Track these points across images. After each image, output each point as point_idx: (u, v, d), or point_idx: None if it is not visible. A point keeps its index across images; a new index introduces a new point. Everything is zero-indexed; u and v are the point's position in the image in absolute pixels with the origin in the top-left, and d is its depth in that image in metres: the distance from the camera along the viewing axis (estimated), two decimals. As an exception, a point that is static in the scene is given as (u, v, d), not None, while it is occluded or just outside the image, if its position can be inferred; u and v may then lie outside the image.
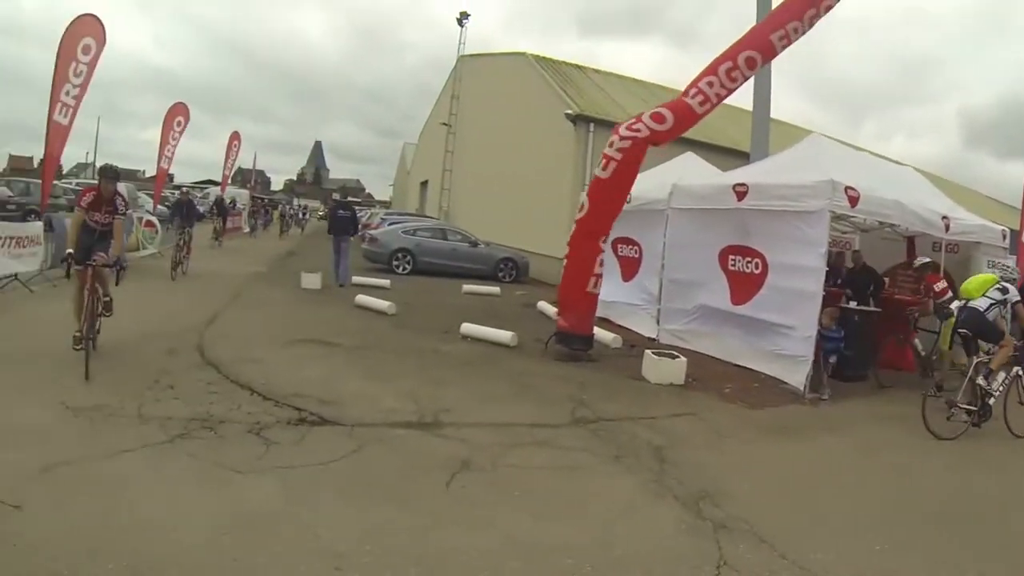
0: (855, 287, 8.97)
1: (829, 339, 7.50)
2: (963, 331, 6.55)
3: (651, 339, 9.59)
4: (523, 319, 11.24)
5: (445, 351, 8.33)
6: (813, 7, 8.03)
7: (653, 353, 7.60)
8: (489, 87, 26.00)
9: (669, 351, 7.91)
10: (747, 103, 12.01)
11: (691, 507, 4.11)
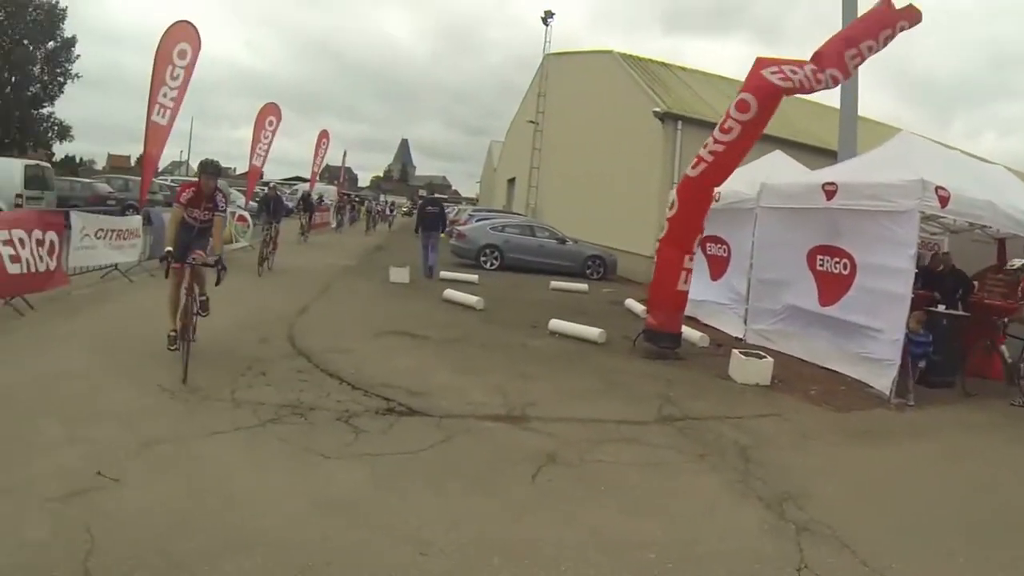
0: (943, 290, 8.52)
1: (917, 344, 7.19)
2: None
3: (738, 339, 9.46)
4: (611, 316, 11.20)
5: (533, 346, 8.39)
6: (888, 28, 7.72)
7: (740, 353, 7.52)
8: (576, 85, 25.91)
9: (756, 351, 7.79)
10: (834, 101, 11.62)
11: (774, 508, 4.05)
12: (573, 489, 4.17)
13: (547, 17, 31.43)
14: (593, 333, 8.84)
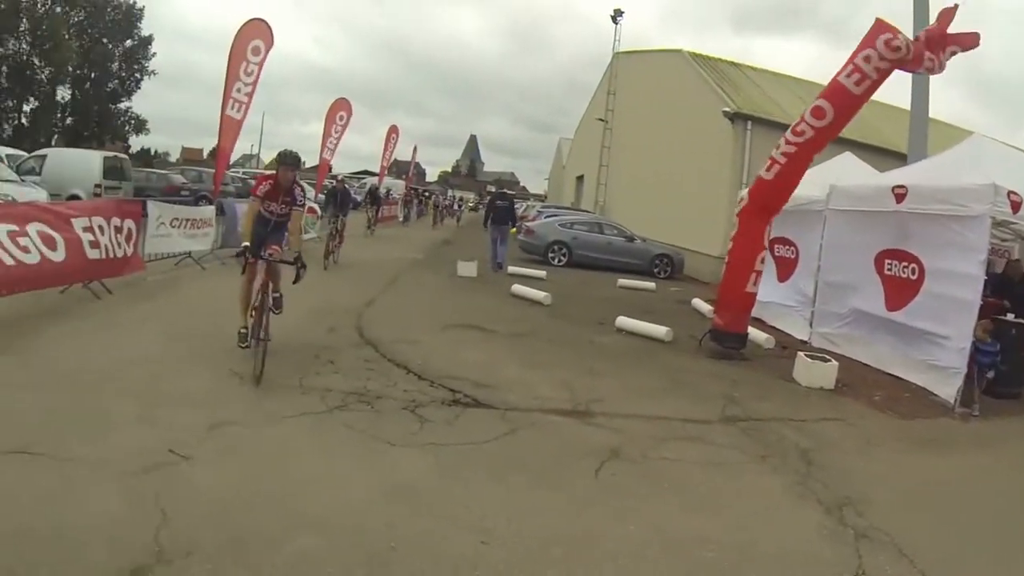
0: (1013, 298, 8.08)
1: (985, 353, 6.85)
2: None
3: (803, 341, 9.26)
4: (677, 315, 11.09)
5: (600, 343, 8.39)
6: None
7: (805, 355, 7.39)
8: (645, 83, 25.51)
9: (821, 354, 7.64)
10: (904, 102, 11.12)
11: (834, 512, 3.99)
12: (635, 485, 4.16)
13: (616, 15, 31.08)
14: (660, 331, 8.82)
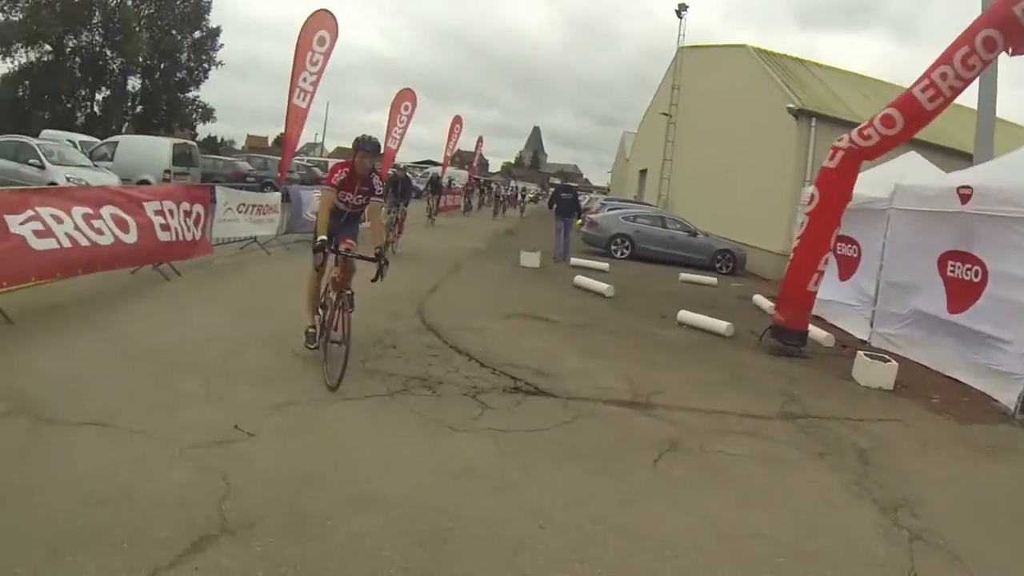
0: None
1: None
2: None
3: (863, 341, 9.00)
4: (738, 311, 10.91)
5: (661, 335, 8.35)
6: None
7: (865, 355, 7.21)
8: (709, 78, 24.95)
9: (880, 354, 7.42)
10: (970, 101, 10.58)
11: (889, 513, 3.88)
12: (692, 477, 4.12)
13: (681, 10, 30.28)
14: (721, 326, 8.73)
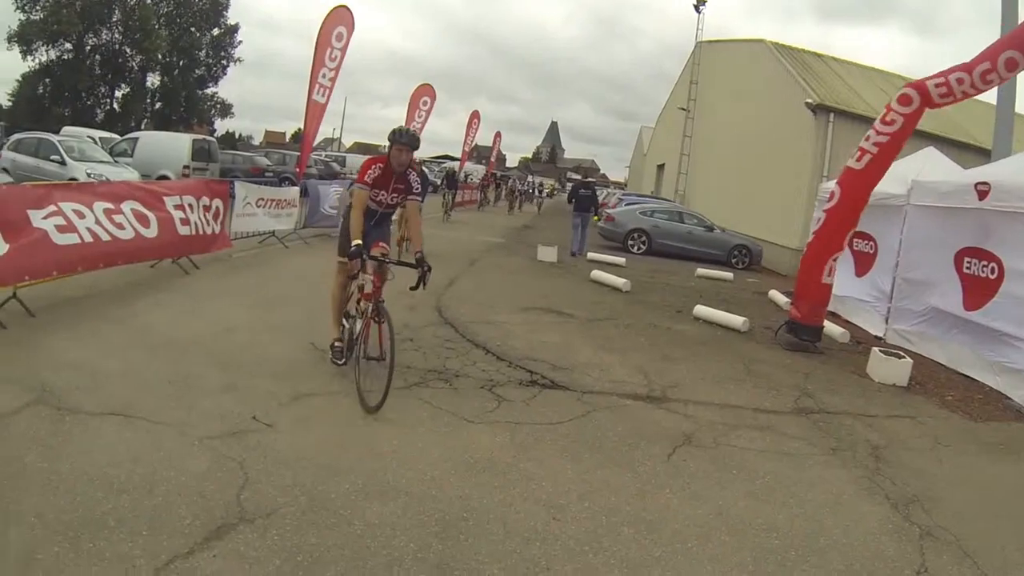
0: None
1: None
2: None
3: (878, 337, 8.87)
4: (754, 306, 10.83)
5: (677, 330, 8.29)
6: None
7: (880, 351, 7.12)
8: (727, 73, 24.65)
9: (895, 351, 7.31)
10: (989, 96, 10.36)
11: (900, 509, 3.85)
12: (706, 470, 4.11)
13: (699, 4, 30.02)
14: (737, 321, 8.67)
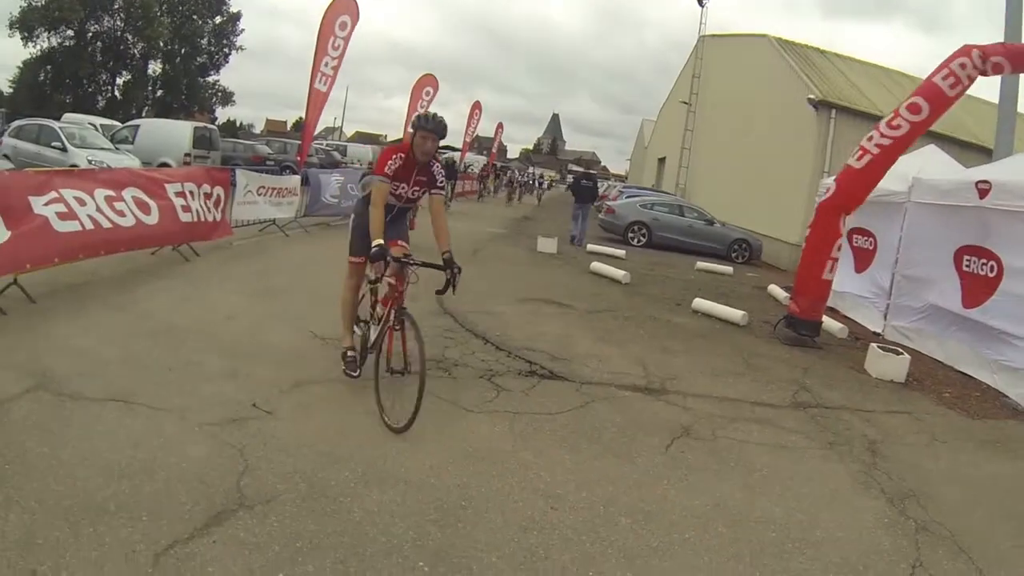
0: None
1: None
2: None
3: (876, 333, 8.85)
4: (753, 300, 10.80)
5: (676, 323, 8.27)
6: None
7: (878, 347, 7.10)
8: (729, 67, 24.55)
9: (893, 347, 7.29)
10: (991, 95, 10.29)
11: (896, 504, 3.84)
12: (704, 462, 4.10)
13: (702, -1, 29.93)
14: (736, 315, 8.64)
